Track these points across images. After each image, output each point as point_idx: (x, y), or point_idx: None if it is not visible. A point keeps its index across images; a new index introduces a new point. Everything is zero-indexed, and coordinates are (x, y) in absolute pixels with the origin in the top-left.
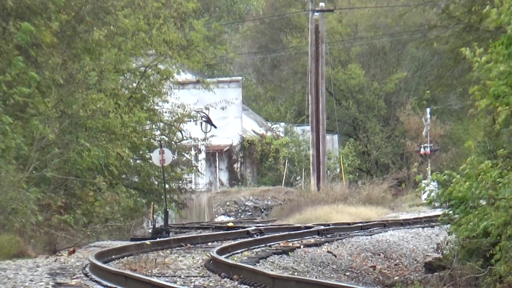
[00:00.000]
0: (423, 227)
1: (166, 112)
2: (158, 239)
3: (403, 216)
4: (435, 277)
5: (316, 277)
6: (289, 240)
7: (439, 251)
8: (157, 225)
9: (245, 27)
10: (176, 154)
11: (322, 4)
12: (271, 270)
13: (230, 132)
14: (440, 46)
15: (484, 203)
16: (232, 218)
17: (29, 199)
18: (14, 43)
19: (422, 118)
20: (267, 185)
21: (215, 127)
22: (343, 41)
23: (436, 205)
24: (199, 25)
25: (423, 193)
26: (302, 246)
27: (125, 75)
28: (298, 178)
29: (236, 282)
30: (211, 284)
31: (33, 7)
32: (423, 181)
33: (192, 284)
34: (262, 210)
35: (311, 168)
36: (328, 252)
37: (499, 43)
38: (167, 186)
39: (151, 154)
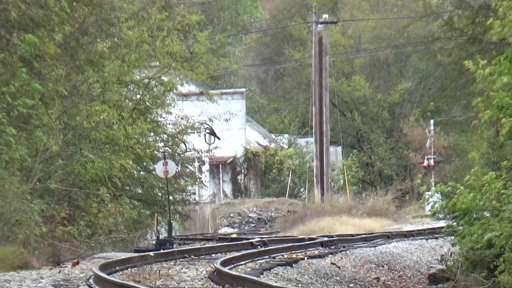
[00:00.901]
0: (426, 239)
1: (169, 124)
2: (161, 251)
3: (407, 227)
4: None
5: None
6: (293, 252)
7: (443, 262)
8: (160, 237)
9: (248, 39)
10: (179, 166)
11: (325, 16)
12: (275, 282)
13: (234, 143)
14: (443, 58)
15: (488, 215)
16: (235, 230)
17: (33, 210)
18: (18, 55)
19: (425, 130)
20: (271, 196)
21: (219, 139)
22: (346, 53)
23: (440, 216)
24: (202, 37)
25: (427, 205)
26: (306, 258)
27: (129, 86)
28: (302, 189)
29: None
30: None
31: (37, 19)
32: (427, 193)
33: None
34: (266, 221)
35: (315, 179)
36: (332, 263)
37: (504, 58)
38: (170, 197)
39: (155, 166)
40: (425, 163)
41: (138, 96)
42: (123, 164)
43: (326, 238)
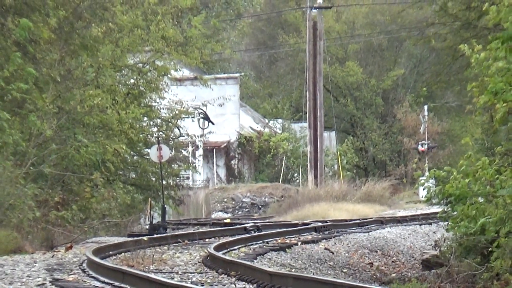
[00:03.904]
0: (420, 224)
1: (163, 109)
2: (155, 235)
3: (400, 213)
4: (432, 274)
5: (313, 274)
6: (287, 237)
7: (436, 248)
8: (154, 221)
9: (242, 24)
10: (173, 151)
11: (320, 1)
12: (269, 267)
13: (228, 128)
14: (437, 43)
15: (481, 200)
16: (229, 215)
17: (26, 195)
18: (13, 39)
19: (419, 115)
20: (265, 181)
21: (213, 124)
22: (340, 39)
23: (434, 201)
24: (197, 22)
25: (423, 190)
26: (299, 243)
27: (123, 71)
28: (295, 175)
29: (234, 279)
30: (208, 281)
31: (31, 3)
32: (421, 178)
33: (190, 280)
34: (260, 206)
35: (308, 165)
36: (326, 249)
37: (499, 41)
38: (164, 182)
39: (148, 150)
40: (422, 148)
41: (132, 81)
42: (116, 149)
43: (319, 223)
